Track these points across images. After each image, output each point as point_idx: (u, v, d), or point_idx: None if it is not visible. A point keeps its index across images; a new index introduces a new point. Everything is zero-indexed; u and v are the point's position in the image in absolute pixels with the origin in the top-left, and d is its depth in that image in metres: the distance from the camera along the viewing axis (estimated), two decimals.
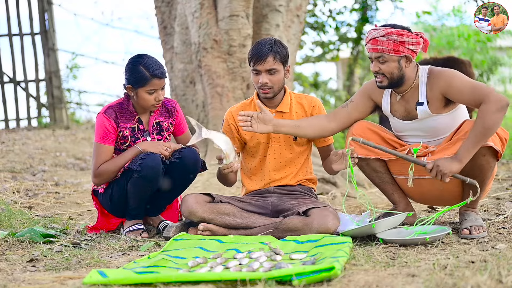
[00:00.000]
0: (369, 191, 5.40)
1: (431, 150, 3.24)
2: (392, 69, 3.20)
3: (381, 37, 3.16)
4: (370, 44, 3.21)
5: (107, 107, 3.52)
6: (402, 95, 3.32)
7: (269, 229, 3.28)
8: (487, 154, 3.08)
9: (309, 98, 3.57)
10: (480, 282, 2.11)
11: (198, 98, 6.45)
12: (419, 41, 3.19)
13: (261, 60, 3.31)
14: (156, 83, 3.41)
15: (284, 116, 3.48)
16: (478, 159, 3.08)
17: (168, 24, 6.83)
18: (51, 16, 9.43)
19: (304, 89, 12.92)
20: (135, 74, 3.41)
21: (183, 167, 3.47)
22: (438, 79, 3.21)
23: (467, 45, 10.26)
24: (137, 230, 3.50)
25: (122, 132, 3.50)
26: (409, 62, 3.22)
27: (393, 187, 3.49)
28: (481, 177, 3.13)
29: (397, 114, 3.37)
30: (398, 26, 3.20)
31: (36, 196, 4.81)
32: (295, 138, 3.48)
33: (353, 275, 2.37)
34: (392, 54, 3.17)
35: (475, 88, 3.11)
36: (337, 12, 11.47)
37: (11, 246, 3.15)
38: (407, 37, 3.15)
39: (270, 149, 3.50)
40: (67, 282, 2.42)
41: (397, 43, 3.15)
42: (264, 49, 3.31)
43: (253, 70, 3.37)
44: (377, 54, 3.20)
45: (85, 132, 8.63)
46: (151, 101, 3.44)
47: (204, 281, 2.32)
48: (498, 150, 3.08)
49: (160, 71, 3.42)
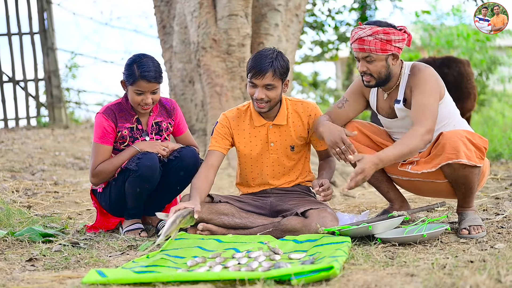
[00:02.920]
0: (367, 190, 5.40)
1: (415, 159, 3.22)
2: (379, 68, 3.19)
3: (368, 36, 3.13)
4: (356, 43, 3.17)
5: (106, 107, 3.52)
6: (388, 93, 3.31)
7: (268, 229, 3.28)
8: (467, 166, 3.05)
9: (306, 105, 3.47)
10: (479, 282, 2.11)
11: (197, 97, 6.45)
12: (404, 37, 3.17)
13: (259, 75, 3.20)
14: (142, 85, 3.36)
15: (281, 128, 3.43)
16: (459, 171, 3.06)
17: (167, 24, 6.83)
18: (50, 15, 9.42)
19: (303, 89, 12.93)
20: (127, 70, 3.41)
21: (183, 167, 3.46)
22: (413, 76, 3.21)
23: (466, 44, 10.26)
24: (136, 229, 3.50)
25: (120, 132, 3.49)
26: (396, 59, 3.20)
27: (388, 185, 3.50)
28: (467, 184, 3.12)
29: (383, 112, 3.37)
30: (383, 23, 3.16)
31: (35, 195, 4.81)
32: (293, 149, 3.45)
33: (352, 275, 2.37)
34: (380, 53, 3.15)
35: (424, 106, 3.11)
36: (336, 11, 11.48)
37: (10, 245, 3.15)
38: (393, 35, 3.13)
39: (268, 161, 3.47)
40: (66, 282, 2.42)
41: (384, 42, 3.12)
42: (264, 64, 3.19)
43: (250, 82, 3.28)
44: (365, 54, 3.17)
45: (84, 132, 8.62)
46: (137, 101, 3.41)
47: (203, 281, 2.31)
48: (473, 165, 3.03)
49: (150, 74, 3.35)
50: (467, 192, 3.16)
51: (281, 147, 3.44)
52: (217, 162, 3.39)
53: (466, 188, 3.14)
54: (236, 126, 3.47)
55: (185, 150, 3.51)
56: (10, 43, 9.33)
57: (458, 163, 3.02)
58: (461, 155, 3.00)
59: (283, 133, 3.43)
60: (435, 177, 3.19)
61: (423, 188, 3.35)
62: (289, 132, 3.43)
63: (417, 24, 11.88)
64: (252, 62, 3.24)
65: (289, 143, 3.44)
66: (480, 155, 3.09)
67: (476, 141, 3.10)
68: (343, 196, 5.12)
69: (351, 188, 3.01)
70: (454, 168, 3.05)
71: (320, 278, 2.30)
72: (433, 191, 3.34)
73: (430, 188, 3.31)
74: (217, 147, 3.42)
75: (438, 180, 3.21)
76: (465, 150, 3.01)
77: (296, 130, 3.44)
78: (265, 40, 6.28)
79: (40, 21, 9.39)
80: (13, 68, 9.34)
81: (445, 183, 3.21)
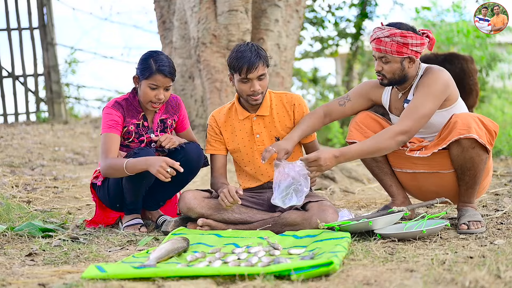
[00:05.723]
0: (367, 186, 5.40)
1: (424, 144, 3.25)
2: (394, 70, 3.21)
3: (385, 37, 3.16)
4: (374, 43, 3.22)
5: (114, 101, 3.50)
6: (403, 92, 3.33)
7: (267, 223, 3.28)
8: (476, 146, 3.07)
9: (289, 96, 3.52)
10: (478, 278, 2.12)
11: (197, 93, 6.45)
12: (424, 42, 3.19)
13: (253, 69, 3.26)
14: (159, 79, 3.38)
15: (264, 119, 3.47)
16: (467, 152, 3.08)
17: (167, 19, 6.83)
18: (50, 10, 9.40)
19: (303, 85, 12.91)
20: (143, 64, 3.41)
21: (187, 161, 3.45)
22: (422, 78, 3.23)
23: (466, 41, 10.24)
24: (136, 224, 3.50)
25: (127, 127, 3.49)
26: (412, 63, 3.22)
27: (392, 178, 3.50)
28: (473, 170, 3.13)
29: (396, 111, 3.38)
30: (404, 26, 3.18)
31: (35, 190, 4.81)
32: (277, 139, 3.45)
33: (352, 270, 2.37)
34: (395, 56, 3.18)
35: (414, 108, 3.13)
36: (336, 7, 11.45)
37: (10, 240, 3.15)
38: (411, 38, 3.15)
39: (257, 153, 3.48)
40: (66, 276, 2.42)
41: (401, 45, 3.15)
42: (253, 57, 3.26)
43: (242, 79, 3.30)
44: (381, 54, 3.21)
45: (83, 127, 8.62)
46: (151, 97, 3.40)
47: (203, 276, 2.32)
48: (483, 143, 3.06)
49: (167, 69, 3.39)
50: (471, 181, 3.16)
51: (267, 138, 3.46)
52: (222, 165, 3.54)
53: (471, 176, 3.15)
54: (223, 123, 3.54)
55: (189, 145, 3.51)
56: (9, 38, 9.31)
57: (468, 139, 3.04)
58: (472, 130, 3.03)
59: (267, 125, 3.47)
60: (441, 165, 3.20)
61: (426, 185, 3.35)
62: (273, 123, 3.46)
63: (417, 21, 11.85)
64: (239, 60, 3.27)
65: (274, 134, 3.47)
66: (490, 139, 3.12)
67: (487, 123, 3.13)
68: (342, 192, 5.12)
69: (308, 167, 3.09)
70: (463, 148, 3.07)
71: (320, 274, 2.30)
72: (435, 188, 3.33)
73: (433, 184, 3.31)
74: (214, 150, 3.55)
75: (443, 171, 3.21)
76: (476, 128, 3.05)
77: (281, 121, 3.46)
78: (265, 36, 6.27)
79: (39, 16, 9.37)
80: (12, 63, 9.33)
81: (450, 175, 3.21)
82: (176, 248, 2.75)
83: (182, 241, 2.84)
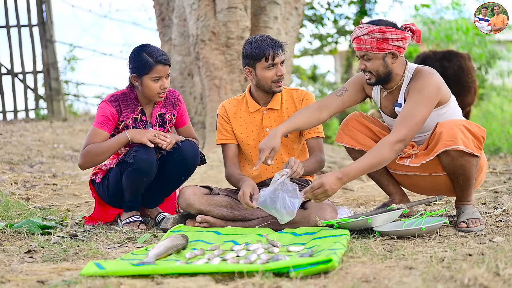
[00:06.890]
0: (366, 183, 5.41)
1: (414, 152, 3.23)
2: (377, 67, 3.19)
3: (364, 35, 3.15)
4: (354, 42, 3.22)
5: (111, 95, 3.51)
6: (389, 91, 3.32)
7: (266, 221, 3.28)
8: (464, 154, 3.04)
9: (300, 92, 3.54)
10: (477, 275, 2.12)
11: (196, 90, 6.45)
12: (406, 36, 3.15)
13: (279, 52, 3.31)
14: (160, 69, 3.39)
15: (275, 113, 3.47)
16: (457, 160, 3.06)
17: (166, 16, 6.82)
18: (49, 7, 9.40)
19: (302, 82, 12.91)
20: (138, 61, 3.40)
21: (183, 160, 3.45)
22: (414, 81, 3.20)
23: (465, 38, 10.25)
24: (135, 222, 3.50)
25: (124, 122, 3.49)
26: (396, 58, 3.20)
27: (388, 178, 3.50)
28: (465, 175, 3.12)
29: (386, 111, 3.38)
30: (382, 22, 3.16)
31: (34, 187, 4.81)
32: (286, 135, 3.40)
33: (351, 268, 2.37)
34: (376, 52, 3.16)
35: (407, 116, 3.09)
36: (336, 5, 11.46)
37: (9, 237, 3.15)
38: (390, 33, 3.12)
39: None
40: (65, 273, 2.42)
41: (380, 41, 3.13)
42: (274, 42, 3.32)
43: (269, 65, 3.32)
44: (362, 52, 3.19)
45: (82, 124, 8.62)
46: (156, 89, 3.42)
47: (202, 273, 2.31)
48: (470, 152, 3.03)
49: (164, 57, 3.41)
50: (465, 184, 3.17)
51: None
52: (235, 155, 3.52)
53: (464, 180, 3.14)
54: (233, 114, 3.52)
55: (185, 143, 3.50)
56: (8, 36, 9.31)
57: (455, 150, 3.02)
58: (458, 141, 3.00)
59: (277, 119, 3.47)
60: (433, 169, 3.20)
61: (421, 183, 3.35)
62: (283, 117, 3.46)
63: (416, 18, 11.86)
64: (262, 47, 3.30)
65: None
66: (477, 144, 3.09)
67: (473, 129, 3.10)
68: (341, 190, 5.12)
69: (308, 198, 3.04)
70: (452, 157, 3.05)
71: (319, 271, 2.30)
72: (431, 186, 3.34)
73: (428, 183, 3.31)
74: (226, 140, 3.52)
75: (436, 173, 3.21)
76: (462, 137, 3.02)
77: (290, 116, 3.44)
78: (264, 33, 6.26)
79: (38, 13, 9.37)
80: (11, 60, 9.33)
81: (444, 176, 3.21)
82: (175, 245, 2.75)
83: (181, 238, 2.84)
